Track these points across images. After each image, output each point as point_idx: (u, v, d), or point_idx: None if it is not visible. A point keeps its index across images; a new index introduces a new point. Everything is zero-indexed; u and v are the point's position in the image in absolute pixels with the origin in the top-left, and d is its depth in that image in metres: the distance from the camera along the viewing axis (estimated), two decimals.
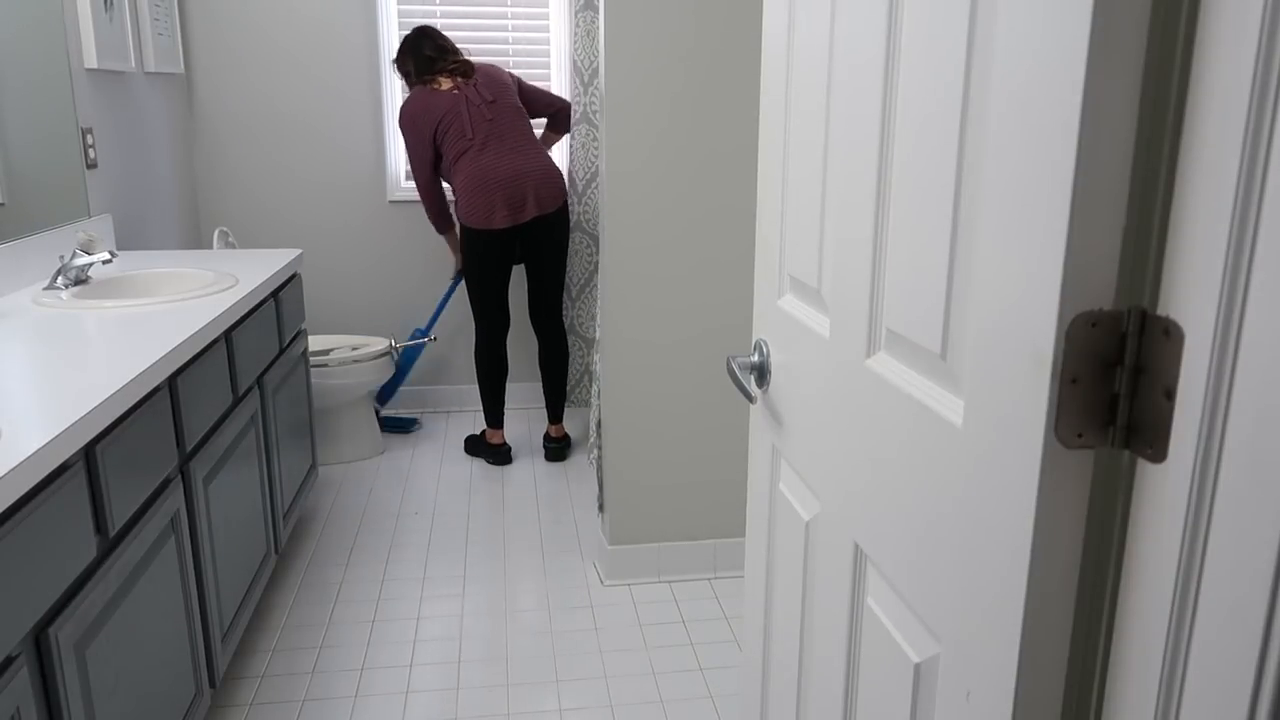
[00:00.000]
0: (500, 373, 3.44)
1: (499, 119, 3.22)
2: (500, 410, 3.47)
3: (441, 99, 3.22)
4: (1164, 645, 0.60)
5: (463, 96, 3.22)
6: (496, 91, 3.25)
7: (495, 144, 3.20)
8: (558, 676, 2.23)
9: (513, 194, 3.19)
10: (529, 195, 3.20)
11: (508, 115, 3.25)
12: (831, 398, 1.04)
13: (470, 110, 3.21)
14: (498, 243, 3.25)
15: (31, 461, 1.22)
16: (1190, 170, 0.57)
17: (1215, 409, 0.55)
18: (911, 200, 0.84)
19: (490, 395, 3.45)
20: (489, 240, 3.24)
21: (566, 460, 3.52)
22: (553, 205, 3.26)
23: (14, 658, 1.21)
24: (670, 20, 2.35)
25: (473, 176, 3.19)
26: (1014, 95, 0.67)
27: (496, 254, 3.28)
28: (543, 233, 3.30)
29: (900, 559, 0.89)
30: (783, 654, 1.27)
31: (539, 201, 3.22)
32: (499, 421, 3.48)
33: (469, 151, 3.20)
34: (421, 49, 3.27)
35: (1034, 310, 0.65)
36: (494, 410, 3.46)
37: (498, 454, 3.47)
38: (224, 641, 2.02)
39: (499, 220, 3.20)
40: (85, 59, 2.64)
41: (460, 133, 3.20)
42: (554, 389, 3.49)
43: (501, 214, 3.19)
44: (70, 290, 2.22)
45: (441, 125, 3.22)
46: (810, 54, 1.08)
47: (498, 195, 3.18)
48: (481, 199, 3.19)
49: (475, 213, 3.21)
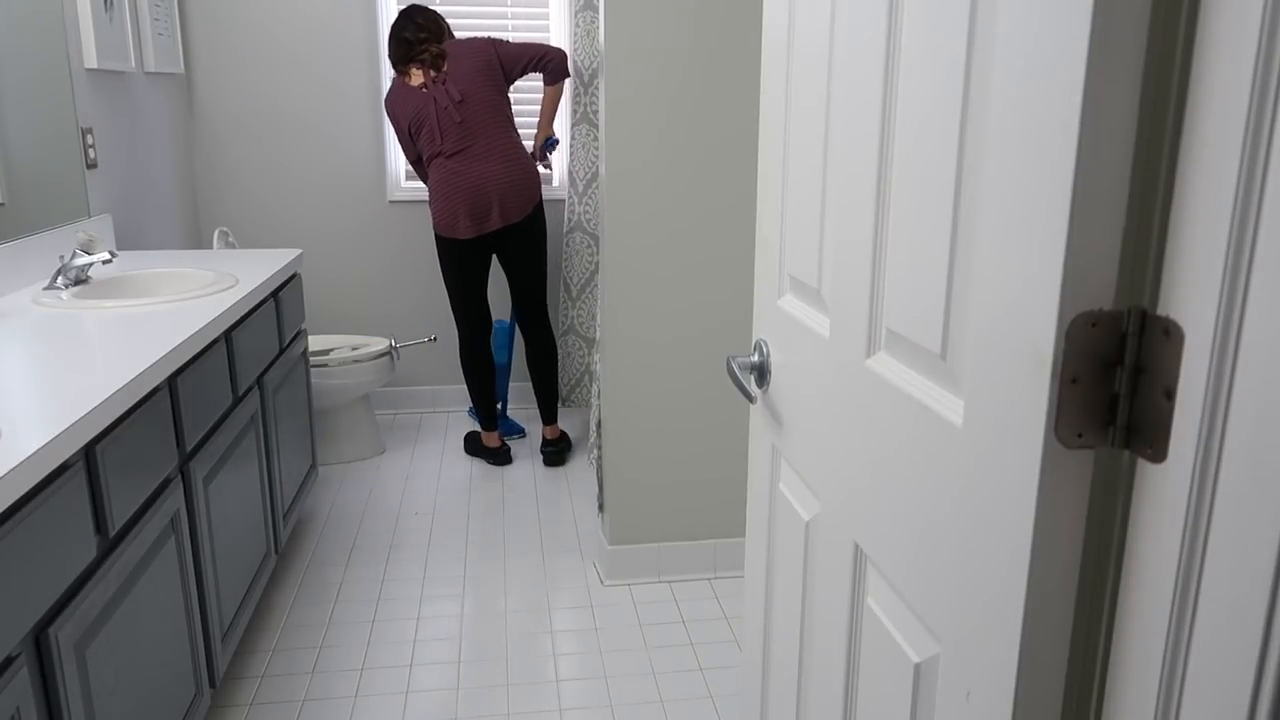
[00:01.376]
0: (487, 374, 3.39)
1: (468, 120, 3.11)
2: (493, 412, 3.44)
3: (413, 97, 3.14)
4: (1164, 645, 0.60)
5: (431, 97, 3.11)
6: (466, 86, 3.11)
7: (463, 149, 3.11)
8: (558, 676, 2.23)
9: (476, 204, 3.12)
10: (493, 205, 3.13)
11: (479, 114, 3.12)
12: (831, 398, 1.04)
13: (439, 113, 3.11)
14: (469, 249, 3.21)
15: (31, 461, 1.22)
16: (1190, 170, 0.57)
17: (1215, 409, 0.55)
18: (911, 200, 0.84)
19: (480, 398, 3.40)
20: (459, 247, 3.20)
21: (566, 465, 3.50)
22: (519, 214, 3.18)
23: (14, 658, 1.21)
24: (670, 20, 2.35)
25: (440, 182, 3.14)
26: (1014, 95, 0.67)
27: (470, 259, 3.23)
28: (514, 239, 3.24)
29: (900, 559, 0.89)
30: (783, 654, 1.27)
31: (504, 212, 3.15)
32: (494, 423, 3.46)
33: (438, 157, 3.14)
34: (401, 32, 3.15)
35: (1034, 310, 0.65)
36: (487, 413, 3.43)
37: (497, 455, 3.47)
38: (224, 641, 2.02)
39: (463, 230, 3.14)
40: (85, 59, 2.64)
41: (430, 137, 3.13)
42: (545, 390, 3.45)
43: (465, 224, 3.14)
44: (70, 290, 2.22)
45: (414, 124, 3.16)
46: (810, 53, 1.08)
47: (461, 206, 3.12)
48: (446, 207, 3.14)
49: (442, 221, 3.16)
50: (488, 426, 3.46)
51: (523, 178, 3.16)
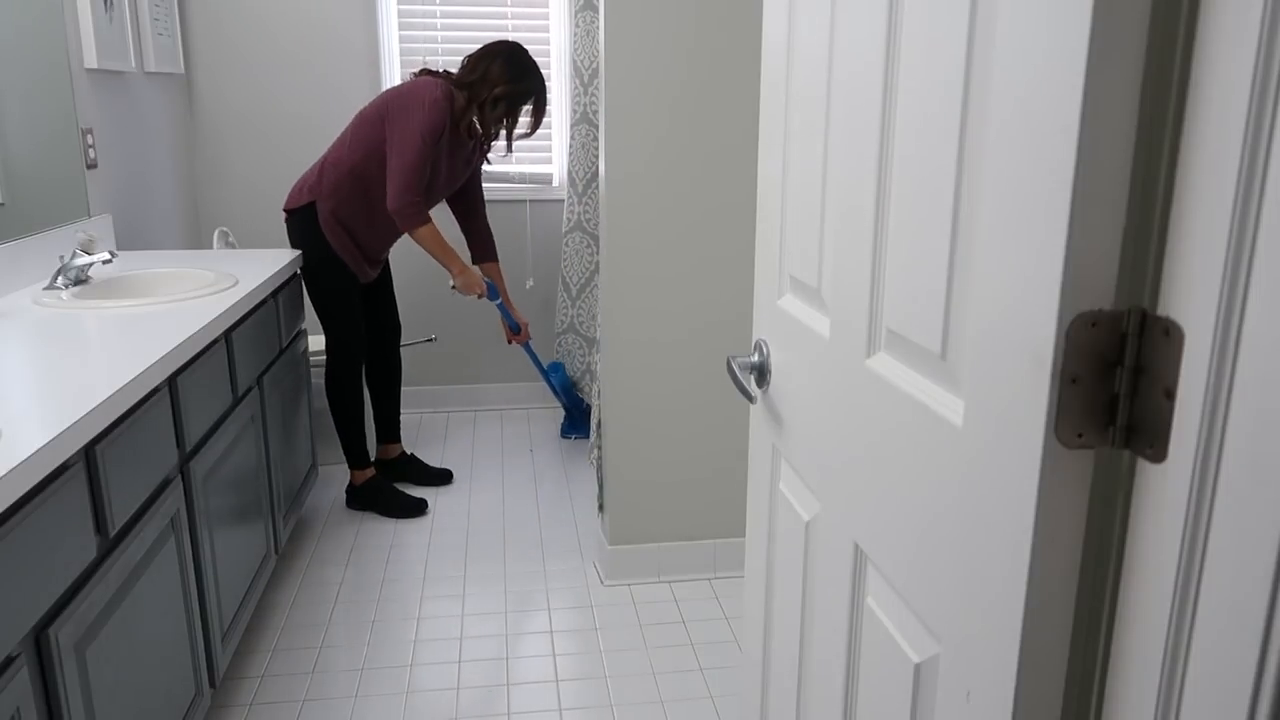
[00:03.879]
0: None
1: (439, 195, 2.95)
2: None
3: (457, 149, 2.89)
4: (1164, 645, 0.60)
5: (459, 150, 2.90)
6: (462, 174, 2.99)
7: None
8: (558, 676, 2.23)
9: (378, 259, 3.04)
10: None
11: (444, 195, 2.98)
12: (832, 398, 1.04)
13: (448, 169, 2.89)
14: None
15: (31, 461, 1.22)
16: (1190, 170, 0.57)
17: (1215, 409, 0.55)
18: (911, 200, 0.84)
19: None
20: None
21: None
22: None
23: (14, 658, 1.21)
24: (670, 20, 2.35)
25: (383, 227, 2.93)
26: (1014, 95, 0.67)
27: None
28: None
29: (900, 559, 0.89)
30: (783, 654, 1.27)
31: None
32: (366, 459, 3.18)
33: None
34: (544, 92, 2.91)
35: (1034, 310, 0.65)
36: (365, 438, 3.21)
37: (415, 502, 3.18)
38: (224, 641, 2.02)
39: (365, 275, 3.03)
40: (85, 59, 2.64)
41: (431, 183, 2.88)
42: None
43: (367, 270, 3.03)
44: (70, 290, 2.22)
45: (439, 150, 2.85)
46: (810, 53, 1.08)
47: (373, 257, 3.01)
48: (362, 252, 2.98)
49: (352, 259, 2.97)
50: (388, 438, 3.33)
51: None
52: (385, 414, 3.26)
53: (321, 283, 2.92)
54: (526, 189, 3.86)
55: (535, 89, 2.89)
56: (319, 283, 2.92)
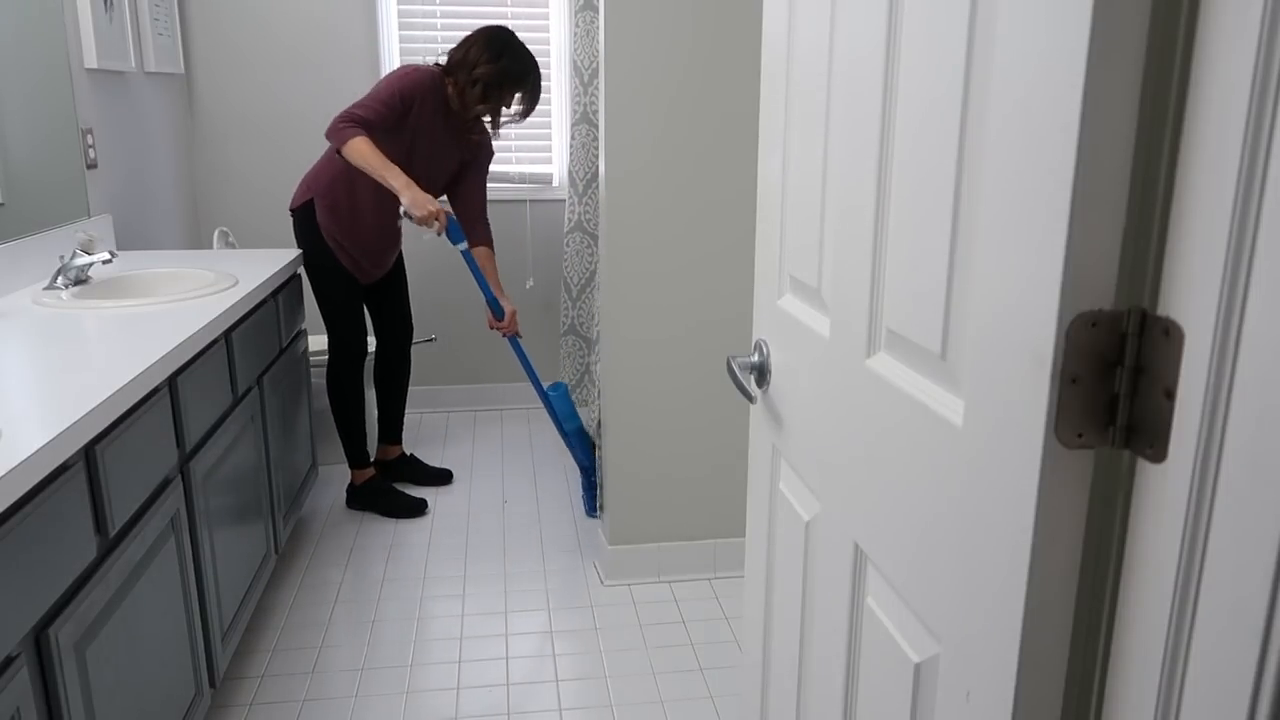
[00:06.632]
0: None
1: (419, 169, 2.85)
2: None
3: (431, 105, 2.80)
4: (1164, 645, 0.60)
5: (436, 126, 2.83)
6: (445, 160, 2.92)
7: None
8: (558, 676, 2.23)
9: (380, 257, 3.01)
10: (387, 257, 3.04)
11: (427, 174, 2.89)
12: (831, 398, 1.04)
13: (431, 142, 2.83)
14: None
15: (31, 461, 1.22)
16: (1190, 170, 0.57)
17: (1215, 409, 0.55)
18: (911, 199, 0.84)
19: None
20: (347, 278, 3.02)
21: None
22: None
23: (14, 658, 1.21)
24: (670, 20, 2.35)
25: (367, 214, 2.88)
26: (1014, 95, 0.67)
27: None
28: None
29: (900, 559, 0.89)
30: (783, 654, 1.27)
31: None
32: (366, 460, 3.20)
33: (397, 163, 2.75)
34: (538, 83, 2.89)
35: (1034, 310, 0.65)
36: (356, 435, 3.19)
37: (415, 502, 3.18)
38: (224, 641, 2.02)
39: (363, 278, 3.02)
40: (85, 59, 2.64)
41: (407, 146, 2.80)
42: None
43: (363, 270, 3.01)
44: (70, 290, 2.22)
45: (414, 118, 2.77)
46: (810, 53, 1.08)
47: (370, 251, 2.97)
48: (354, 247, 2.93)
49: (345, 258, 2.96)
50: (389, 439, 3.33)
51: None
52: (389, 415, 3.26)
53: (322, 281, 2.92)
54: (526, 189, 3.86)
55: (516, 70, 2.83)
56: (319, 281, 2.93)
